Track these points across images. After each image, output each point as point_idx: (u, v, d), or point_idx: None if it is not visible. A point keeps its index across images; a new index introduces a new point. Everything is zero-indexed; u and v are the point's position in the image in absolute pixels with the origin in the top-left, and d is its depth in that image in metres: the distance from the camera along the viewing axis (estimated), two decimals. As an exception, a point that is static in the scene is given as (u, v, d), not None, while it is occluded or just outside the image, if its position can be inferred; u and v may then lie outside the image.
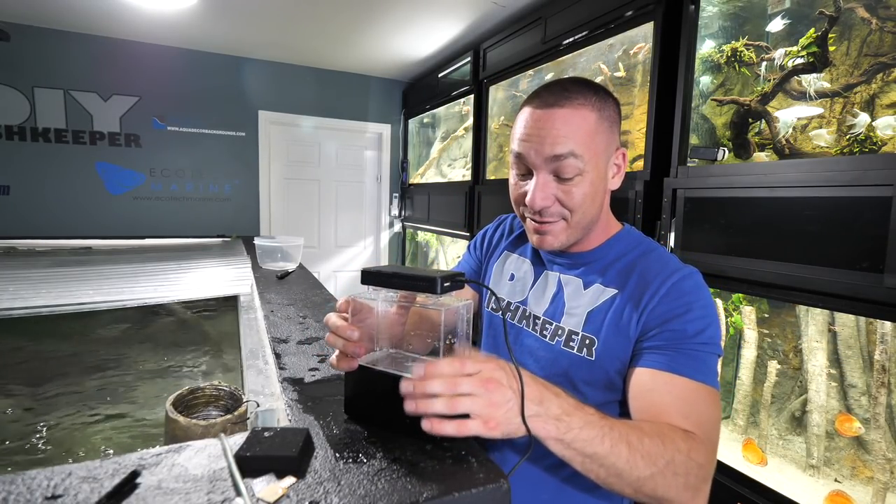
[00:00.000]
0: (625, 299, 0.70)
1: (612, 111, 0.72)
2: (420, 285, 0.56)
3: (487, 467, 0.52)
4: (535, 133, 0.68)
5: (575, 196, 0.69)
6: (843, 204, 1.14)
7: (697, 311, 0.65)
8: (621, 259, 0.74)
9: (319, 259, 3.96)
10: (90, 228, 3.17)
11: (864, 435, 1.38)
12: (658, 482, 0.53)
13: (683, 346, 0.63)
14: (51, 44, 3.01)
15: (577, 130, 0.67)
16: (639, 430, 0.54)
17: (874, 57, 1.33)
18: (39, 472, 0.47)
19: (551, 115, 0.67)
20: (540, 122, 0.68)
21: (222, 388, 0.91)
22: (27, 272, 1.83)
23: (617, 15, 1.77)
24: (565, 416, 0.51)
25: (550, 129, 0.67)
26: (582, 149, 0.67)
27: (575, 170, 0.67)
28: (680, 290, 0.67)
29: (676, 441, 0.55)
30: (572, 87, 0.69)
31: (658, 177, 1.62)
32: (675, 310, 0.65)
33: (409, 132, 4.00)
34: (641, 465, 0.52)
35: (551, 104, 0.67)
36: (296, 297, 1.48)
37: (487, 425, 0.48)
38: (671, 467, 0.53)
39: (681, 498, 0.54)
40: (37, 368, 1.47)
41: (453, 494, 0.46)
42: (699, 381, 0.62)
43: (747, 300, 1.62)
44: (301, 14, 2.66)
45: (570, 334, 0.73)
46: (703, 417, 0.60)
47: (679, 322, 0.65)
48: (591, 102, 0.68)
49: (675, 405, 0.60)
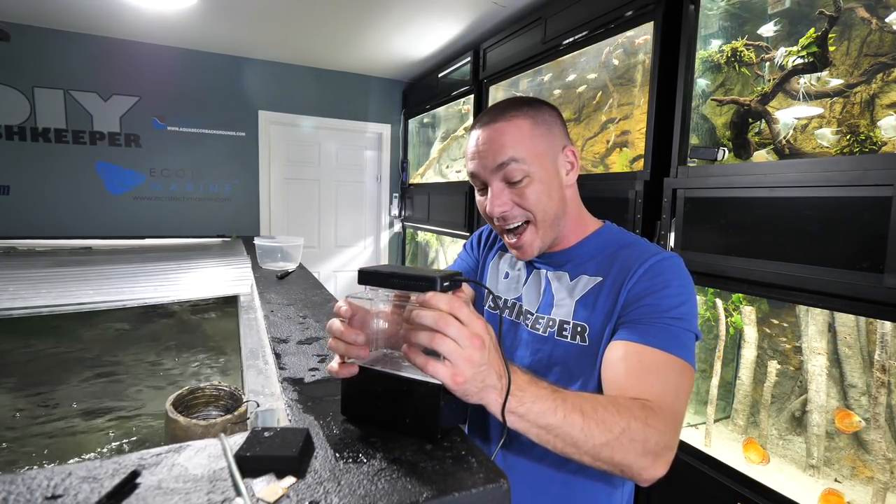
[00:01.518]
0: (609, 284, 0.74)
1: (548, 116, 0.78)
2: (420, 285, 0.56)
3: (487, 467, 0.52)
4: (480, 150, 0.76)
5: (529, 197, 0.75)
6: (843, 204, 1.14)
7: (673, 289, 0.69)
8: (603, 251, 0.79)
9: (319, 259, 3.96)
10: (90, 228, 3.17)
11: (864, 435, 1.38)
12: (615, 448, 0.55)
13: (656, 319, 0.67)
14: (51, 44, 3.01)
15: (514, 138, 0.74)
16: (593, 400, 0.57)
17: (874, 57, 1.33)
18: (39, 472, 0.47)
19: (490, 130, 0.75)
20: (482, 140, 0.76)
21: (222, 388, 0.91)
22: (27, 272, 1.83)
23: (617, 15, 1.77)
24: (518, 391, 0.53)
25: (492, 143, 0.75)
26: (522, 153, 0.73)
27: (521, 172, 0.74)
28: (658, 270, 0.71)
29: (633, 409, 0.57)
30: (507, 104, 0.77)
31: (658, 177, 1.62)
32: (652, 287, 0.69)
33: (409, 132, 4.00)
34: (597, 432, 0.54)
35: (487, 122, 0.76)
36: (296, 297, 1.48)
37: (454, 378, 0.49)
38: (627, 434, 0.55)
39: (640, 463, 0.57)
40: (36, 368, 1.47)
41: (453, 494, 0.46)
42: (669, 352, 0.64)
43: (747, 300, 1.62)
44: (301, 14, 2.66)
45: (561, 324, 0.77)
46: (667, 387, 0.62)
47: (654, 297, 0.68)
48: (523, 112, 0.75)
49: (641, 374, 0.63)
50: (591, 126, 2.24)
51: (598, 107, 2.19)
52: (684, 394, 0.64)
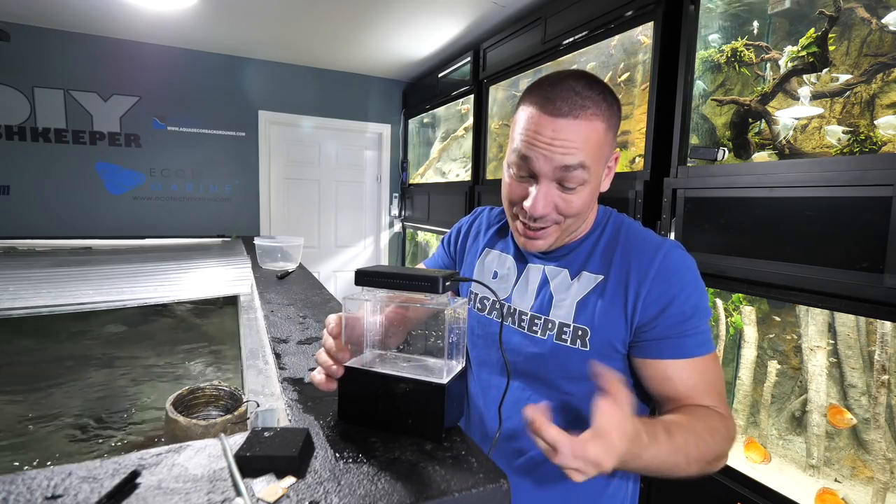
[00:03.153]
0: (612, 283, 0.71)
1: (617, 117, 0.71)
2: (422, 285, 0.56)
3: (487, 467, 0.52)
4: (546, 141, 0.65)
5: (575, 205, 0.69)
6: (843, 204, 1.14)
7: (689, 289, 0.68)
8: (601, 241, 0.75)
9: (319, 259, 3.96)
10: (90, 228, 3.17)
11: (863, 435, 1.38)
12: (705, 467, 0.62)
13: (685, 328, 0.67)
14: (51, 44, 3.01)
15: (588, 142, 0.66)
16: (695, 434, 0.60)
17: (874, 57, 1.33)
18: (39, 472, 0.47)
19: (565, 125, 0.65)
20: (552, 131, 0.65)
21: (222, 388, 0.91)
22: (27, 272, 1.83)
23: (617, 15, 1.77)
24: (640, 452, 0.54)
25: (563, 140, 0.65)
26: (590, 160, 0.66)
27: (580, 180, 0.67)
28: (668, 270, 0.68)
29: (719, 428, 0.63)
30: (585, 93, 0.66)
31: (658, 177, 1.62)
32: (669, 292, 0.67)
33: (409, 132, 4.00)
34: (694, 465, 0.60)
35: (565, 113, 0.65)
36: (296, 297, 1.48)
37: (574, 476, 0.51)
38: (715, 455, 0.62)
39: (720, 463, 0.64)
40: (37, 368, 1.47)
41: (453, 494, 0.46)
42: (705, 354, 0.67)
43: (747, 300, 1.62)
44: (301, 14, 2.66)
45: (561, 327, 0.73)
46: (718, 387, 0.68)
47: (676, 305, 0.67)
48: (602, 112, 0.67)
49: (698, 387, 0.66)
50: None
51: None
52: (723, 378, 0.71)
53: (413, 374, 0.56)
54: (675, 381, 0.67)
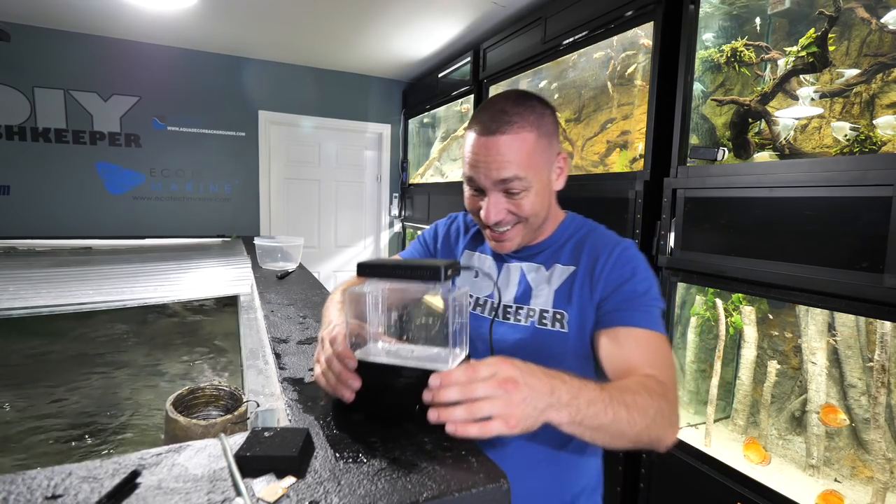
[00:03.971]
0: (583, 273, 0.80)
1: (550, 125, 0.78)
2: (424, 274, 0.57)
3: (487, 467, 0.52)
4: (481, 159, 0.74)
5: (524, 207, 0.77)
6: (843, 204, 1.14)
7: (641, 274, 0.77)
8: (570, 240, 0.84)
9: (319, 259, 3.96)
10: (90, 228, 3.17)
11: (863, 435, 1.38)
12: (651, 429, 0.61)
13: (636, 303, 0.74)
14: (51, 44, 3.01)
15: (518, 154, 0.73)
16: (629, 391, 0.61)
17: (874, 57, 1.33)
18: (39, 472, 0.47)
19: (494, 142, 0.73)
20: (485, 149, 0.74)
21: (222, 388, 0.91)
22: (27, 272, 1.83)
23: (617, 15, 1.77)
24: (573, 400, 0.55)
25: (495, 156, 0.73)
26: (524, 170, 0.74)
27: (521, 187, 0.75)
28: (624, 259, 0.78)
29: (656, 389, 0.64)
30: (512, 109, 0.74)
31: (658, 177, 1.62)
32: (624, 275, 0.76)
33: (409, 132, 4.00)
34: (639, 420, 0.59)
35: (493, 131, 0.73)
36: (296, 297, 1.48)
37: (508, 424, 0.50)
38: (659, 413, 0.61)
39: (667, 434, 0.64)
40: (36, 368, 1.47)
41: (453, 494, 0.46)
42: (654, 330, 0.73)
43: (747, 300, 1.62)
44: (301, 14, 2.66)
45: (541, 313, 0.80)
46: (665, 362, 0.71)
47: (629, 285, 0.75)
48: (529, 123, 0.74)
49: (643, 357, 0.70)
50: (591, 126, 2.24)
51: (598, 107, 2.19)
52: (673, 361, 0.73)
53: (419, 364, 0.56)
54: (625, 350, 0.71)
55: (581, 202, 1.90)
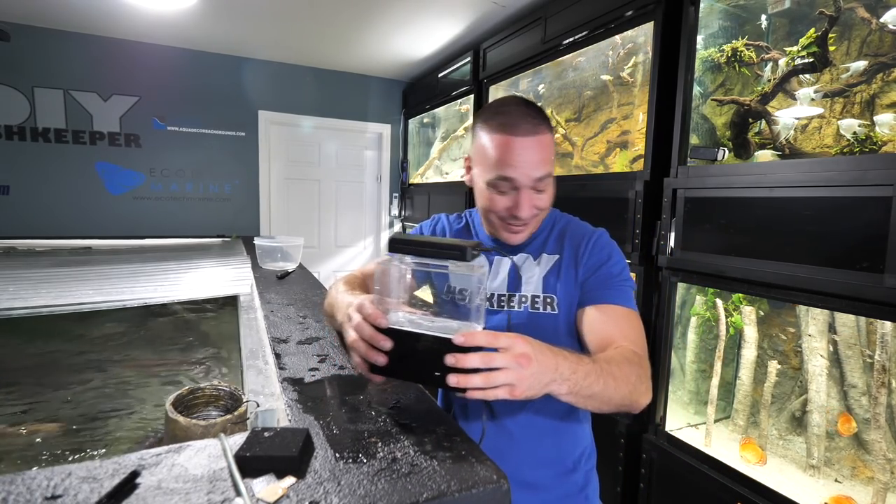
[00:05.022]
0: (567, 259, 0.90)
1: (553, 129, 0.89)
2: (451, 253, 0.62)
3: (487, 467, 0.52)
4: (523, 160, 0.81)
5: (546, 201, 0.87)
6: (843, 204, 1.14)
7: (615, 258, 0.88)
8: (553, 231, 0.94)
9: (319, 259, 3.96)
10: (90, 228, 3.17)
11: (864, 435, 1.38)
12: (632, 394, 0.69)
13: (612, 282, 0.85)
14: (51, 44, 3.01)
15: (549, 153, 0.84)
16: (614, 362, 0.70)
17: (874, 57, 1.33)
18: (39, 472, 0.47)
19: (532, 144, 0.81)
20: (522, 149, 0.81)
21: (222, 388, 0.91)
22: (27, 272, 1.83)
23: (617, 15, 1.77)
24: (573, 375, 0.62)
25: (533, 156, 0.81)
26: (552, 167, 0.85)
27: (546, 184, 0.85)
28: (599, 245, 0.89)
29: (633, 358, 0.73)
30: (533, 113, 0.83)
31: (658, 177, 1.62)
32: (601, 259, 0.87)
33: (409, 132, 4.00)
34: (623, 387, 0.68)
35: (528, 132, 0.81)
36: (296, 297, 1.48)
37: (513, 392, 0.56)
38: (639, 380, 0.71)
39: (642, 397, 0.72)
40: (36, 368, 1.47)
41: (453, 494, 0.46)
42: (628, 307, 0.83)
43: (747, 300, 1.62)
44: (301, 14, 2.66)
45: (532, 298, 0.89)
46: (638, 336, 0.80)
47: (605, 267, 0.86)
48: (547, 126, 0.84)
49: (619, 330, 0.80)
50: (591, 126, 2.24)
51: (598, 107, 2.19)
52: (643, 334, 0.83)
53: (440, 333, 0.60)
54: (605, 324, 0.81)
55: (581, 202, 1.90)
